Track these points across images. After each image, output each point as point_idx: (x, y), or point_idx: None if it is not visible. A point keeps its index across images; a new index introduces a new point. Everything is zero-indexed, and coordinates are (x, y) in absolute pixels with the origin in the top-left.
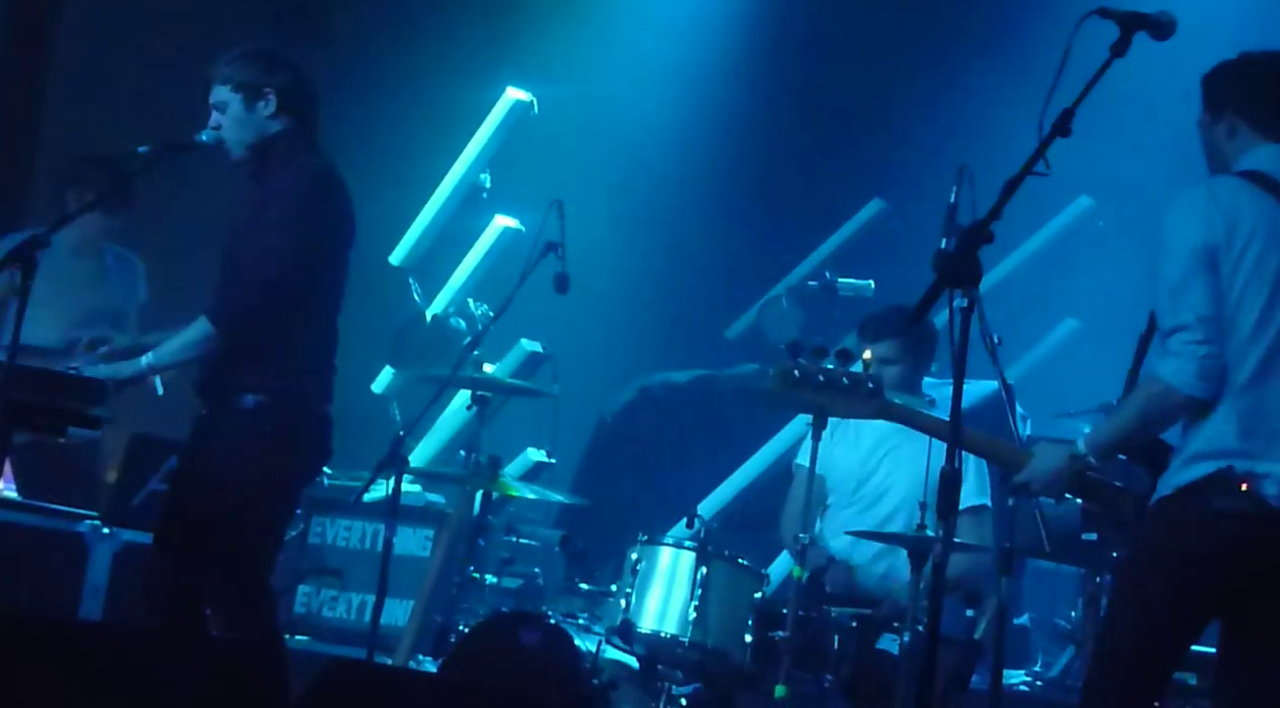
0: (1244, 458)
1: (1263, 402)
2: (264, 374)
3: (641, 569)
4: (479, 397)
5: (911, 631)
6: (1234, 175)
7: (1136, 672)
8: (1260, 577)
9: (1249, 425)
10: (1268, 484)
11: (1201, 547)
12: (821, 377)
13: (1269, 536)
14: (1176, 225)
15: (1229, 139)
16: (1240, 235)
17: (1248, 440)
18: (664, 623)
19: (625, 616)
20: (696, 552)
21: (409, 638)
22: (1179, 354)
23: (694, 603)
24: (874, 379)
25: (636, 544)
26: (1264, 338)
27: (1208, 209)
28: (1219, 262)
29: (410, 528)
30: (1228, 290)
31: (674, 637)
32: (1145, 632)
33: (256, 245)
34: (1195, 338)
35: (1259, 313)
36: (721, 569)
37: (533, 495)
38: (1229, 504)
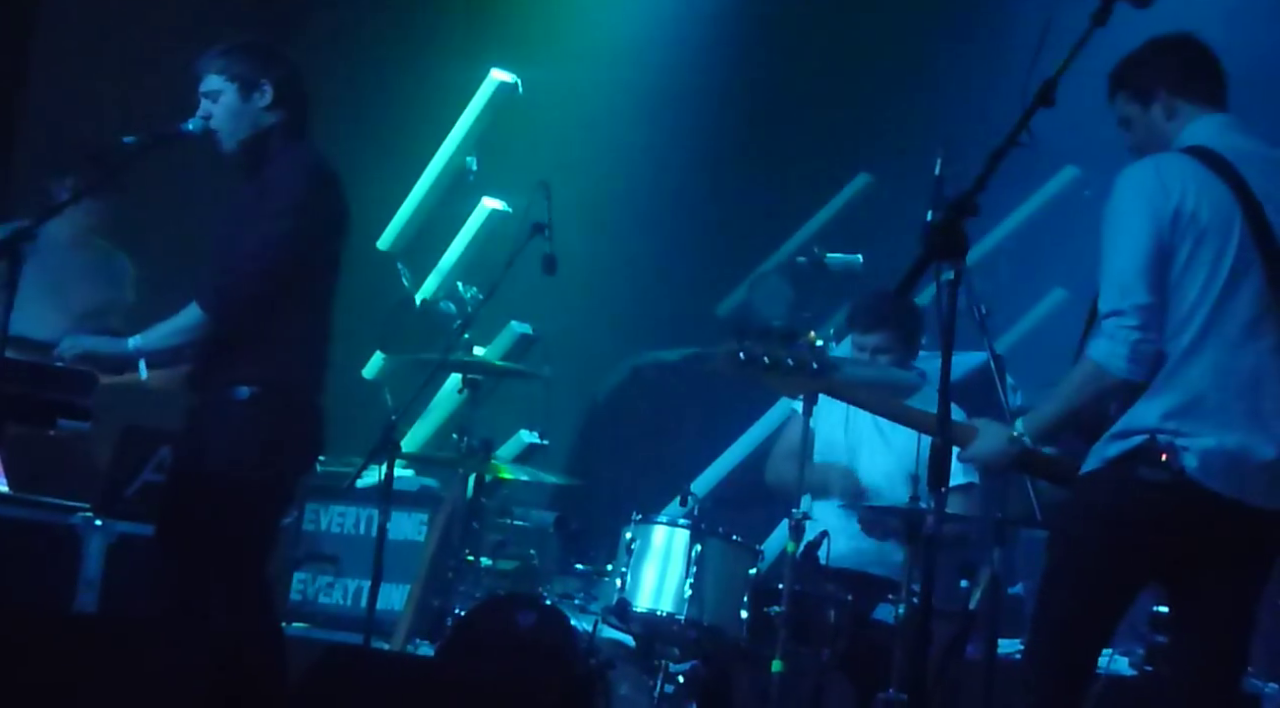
0: (1167, 434)
1: (1192, 382)
2: (258, 365)
3: (636, 548)
4: (470, 380)
5: (906, 603)
6: (1180, 152)
7: (1074, 632)
8: (1189, 548)
9: (1176, 404)
10: (1187, 457)
11: (1132, 511)
12: (766, 358)
13: (1192, 507)
14: (1121, 204)
15: (1169, 119)
16: (1184, 216)
17: (1174, 419)
18: (660, 601)
19: (621, 595)
20: (691, 530)
21: (405, 623)
22: (1112, 337)
23: (689, 581)
24: (820, 359)
25: (631, 524)
26: (1197, 319)
27: (1153, 188)
28: (1162, 242)
29: (404, 513)
30: (1167, 271)
31: (670, 615)
32: (1082, 588)
33: (253, 235)
34: (1130, 323)
35: (1196, 294)
36: (716, 546)
37: (526, 477)
38: (1152, 473)
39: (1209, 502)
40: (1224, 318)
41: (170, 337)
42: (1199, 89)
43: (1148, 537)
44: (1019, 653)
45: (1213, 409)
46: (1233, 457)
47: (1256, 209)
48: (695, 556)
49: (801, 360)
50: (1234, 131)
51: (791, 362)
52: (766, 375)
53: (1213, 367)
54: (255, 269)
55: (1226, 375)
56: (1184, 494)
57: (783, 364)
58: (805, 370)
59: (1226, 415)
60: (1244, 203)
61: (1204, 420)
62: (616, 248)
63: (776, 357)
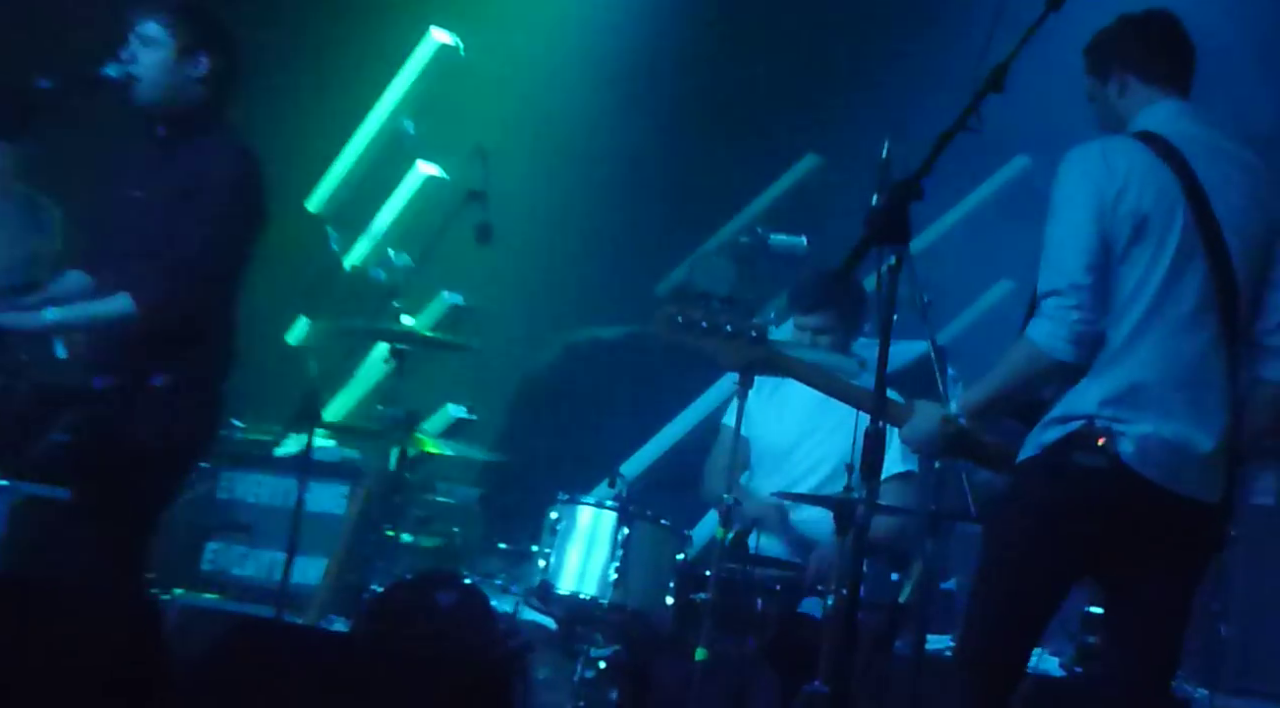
0: (1105, 419)
1: (1132, 369)
2: (176, 357)
3: (561, 529)
4: (397, 350)
5: (835, 594)
6: (1130, 136)
7: (1007, 626)
8: (1125, 537)
9: (1115, 390)
10: (1124, 442)
11: (1068, 499)
12: (704, 323)
13: (1128, 494)
14: (1065, 185)
15: (1120, 96)
16: (1128, 200)
17: (1112, 405)
18: (583, 584)
19: (544, 577)
20: (618, 512)
21: (321, 597)
22: (1051, 318)
23: (614, 564)
24: (758, 327)
25: (557, 503)
26: (1139, 305)
27: (1098, 171)
28: (1104, 225)
29: (324, 484)
30: (1109, 255)
31: (593, 599)
32: (1015, 580)
33: (193, 234)
34: (1069, 303)
35: (1136, 280)
36: (643, 530)
37: (452, 452)
38: (1088, 459)
39: (1143, 490)
40: (1166, 306)
41: (93, 321)
42: (1156, 69)
43: (1082, 526)
44: (949, 650)
45: (1153, 397)
46: (1170, 446)
47: (1201, 199)
48: (622, 539)
49: (740, 327)
50: (1187, 118)
51: (730, 328)
52: (703, 340)
53: (1154, 354)
54: (198, 274)
55: (1168, 363)
56: (1119, 482)
57: (720, 329)
58: (743, 337)
59: (1166, 404)
60: (1189, 192)
61: (1143, 408)
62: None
63: (715, 321)
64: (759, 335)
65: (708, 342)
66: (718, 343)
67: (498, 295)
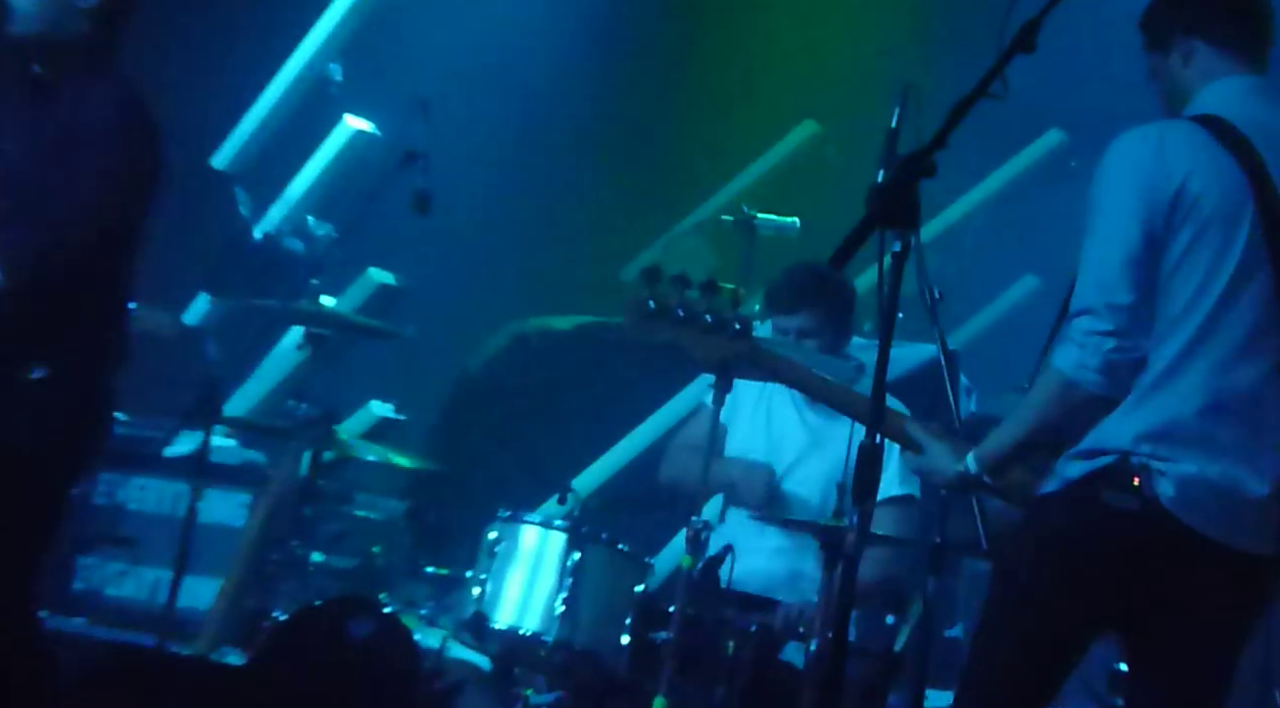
0: (1141, 456)
1: (1176, 399)
2: (57, 344)
3: (500, 552)
4: (315, 335)
5: (820, 638)
6: (1191, 119)
7: (1015, 685)
8: (1158, 589)
9: (1155, 424)
10: (1162, 483)
11: (1092, 543)
12: (681, 310)
13: (1162, 540)
14: (1110, 179)
15: (1185, 65)
16: (1185, 201)
17: (1150, 441)
18: (524, 618)
19: (478, 607)
20: (568, 533)
21: (213, 624)
22: (1082, 344)
23: (562, 595)
24: (742, 319)
25: (496, 521)
26: (1189, 326)
27: (1150, 163)
28: (1154, 230)
29: (222, 491)
30: (1157, 266)
31: (535, 635)
32: (1027, 632)
33: (72, 190)
34: (1103, 326)
35: (1189, 296)
36: (597, 556)
37: (375, 458)
38: (1119, 500)
39: (1182, 538)
40: (1221, 327)
41: None
42: (1226, 34)
43: (1109, 573)
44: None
45: (1197, 433)
46: (1216, 489)
47: (1273, 199)
48: (571, 565)
49: (721, 317)
50: (1258, 99)
51: (710, 317)
52: (678, 331)
53: (1202, 384)
54: (80, 242)
55: (1219, 394)
56: (1154, 527)
57: (699, 319)
58: (725, 330)
59: (1215, 441)
60: (1259, 191)
61: (1186, 445)
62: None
63: (692, 309)
64: (743, 329)
65: (683, 333)
66: (694, 335)
67: (435, 276)
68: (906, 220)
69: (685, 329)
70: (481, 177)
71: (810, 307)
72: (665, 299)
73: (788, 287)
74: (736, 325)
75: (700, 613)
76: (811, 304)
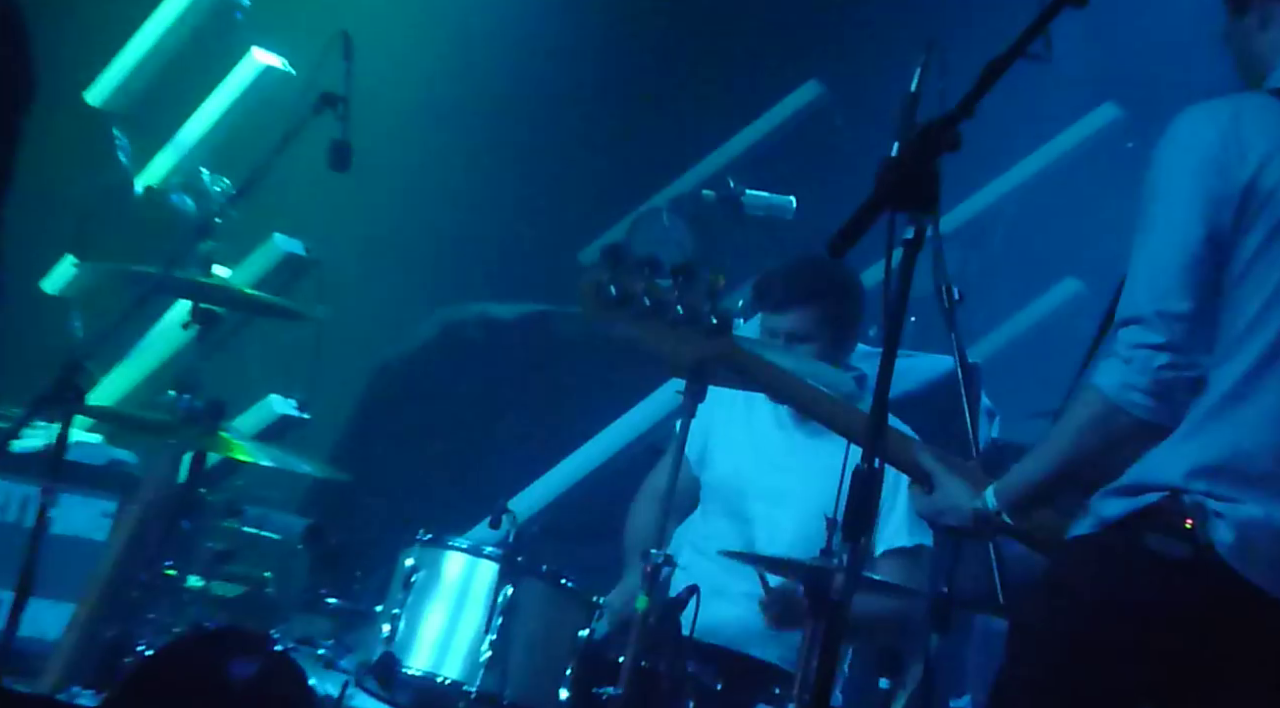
0: (1195, 495)
1: (1240, 429)
2: None
3: (418, 582)
4: (204, 312)
5: (799, 701)
6: (1271, 93)
7: None
8: (1210, 658)
9: (1214, 457)
10: (1220, 528)
11: (1131, 597)
12: (647, 299)
13: (1221, 599)
14: (1170, 162)
15: (1262, 29)
16: (1260, 192)
17: (1206, 477)
18: (443, 663)
19: (388, 648)
20: (501, 563)
21: (62, 658)
22: (1128, 360)
23: (490, 637)
24: (721, 314)
25: (414, 545)
26: (1259, 340)
27: (1223, 146)
28: (1220, 226)
29: (80, 496)
30: (1223, 269)
31: (455, 684)
32: (1051, 702)
33: None
34: (1155, 339)
35: (1259, 308)
36: (534, 591)
37: (271, 463)
38: (1166, 546)
39: (1242, 595)
40: None
41: None
42: None
43: (1149, 637)
44: None
45: (1265, 470)
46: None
47: None
48: (503, 602)
49: (695, 310)
50: None
51: (682, 310)
52: (642, 325)
53: (1272, 412)
54: None
55: None
56: (1207, 580)
57: (668, 311)
58: (700, 326)
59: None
60: None
61: (1250, 484)
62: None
63: (661, 299)
64: (721, 325)
65: (649, 327)
66: (662, 330)
67: (355, 247)
68: (923, 203)
69: (651, 323)
70: (413, 130)
71: (805, 305)
72: (629, 285)
73: (781, 279)
74: (714, 320)
75: (656, 666)
76: (807, 302)
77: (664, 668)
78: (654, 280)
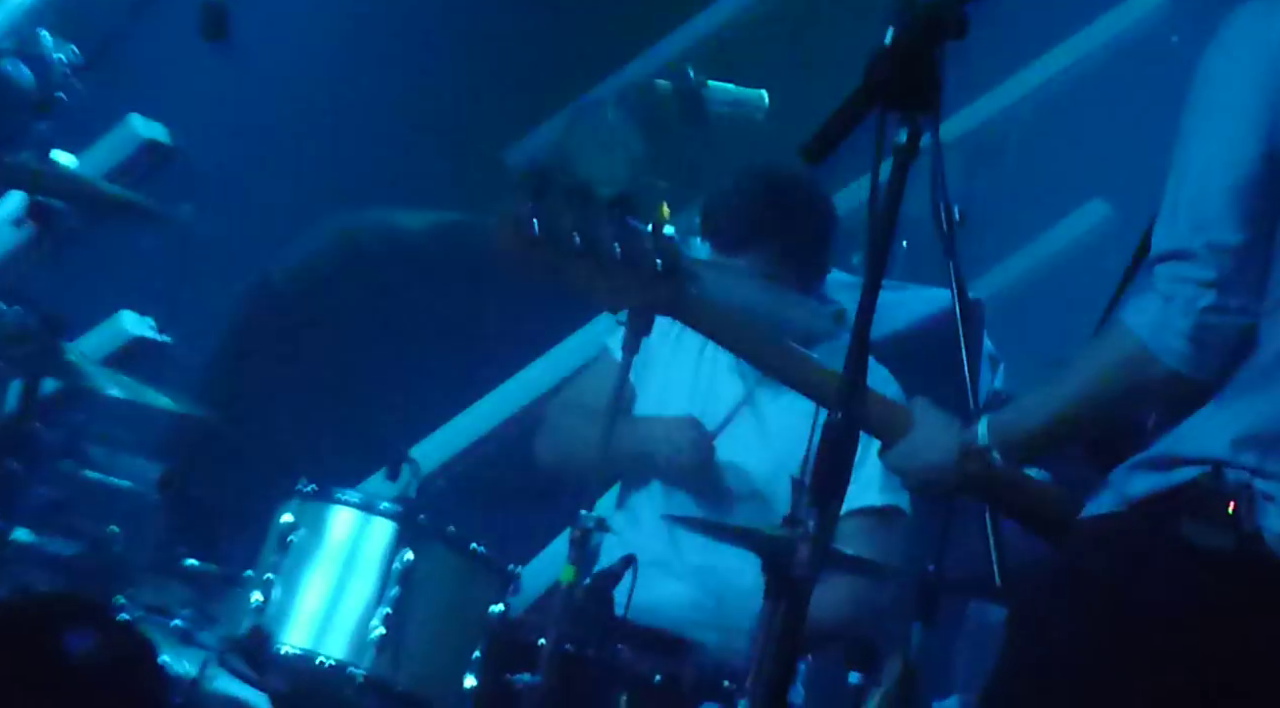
0: (1239, 469)
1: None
2: None
3: (297, 543)
4: (41, 207)
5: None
6: None
7: None
8: (1244, 662)
9: (1265, 426)
10: (1270, 513)
11: (1155, 595)
12: (578, 236)
13: (1262, 596)
14: (1228, 67)
15: None
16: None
17: (1258, 449)
18: (325, 641)
19: (258, 621)
20: (398, 522)
21: None
22: (1169, 297)
23: (383, 610)
24: (668, 253)
25: (294, 498)
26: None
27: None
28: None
29: None
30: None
31: (339, 666)
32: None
33: None
34: (1200, 274)
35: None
36: (438, 558)
37: (121, 394)
38: (1203, 534)
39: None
40: None
41: None
42: None
43: (1177, 641)
44: None
45: None
46: None
47: None
48: (400, 569)
49: (637, 249)
50: None
51: (620, 249)
52: (573, 268)
53: None
54: None
55: None
56: (1252, 576)
57: (604, 251)
58: (642, 269)
59: None
60: None
61: None
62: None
63: (595, 237)
64: (667, 267)
65: (580, 270)
66: (597, 273)
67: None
68: (921, 101)
69: (583, 265)
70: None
71: (761, 242)
72: (556, 219)
73: (729, 213)
74: (659, 263)
75: (583, 650)
76: (763, 239)
77: (592, 654)
78: (586, 214)
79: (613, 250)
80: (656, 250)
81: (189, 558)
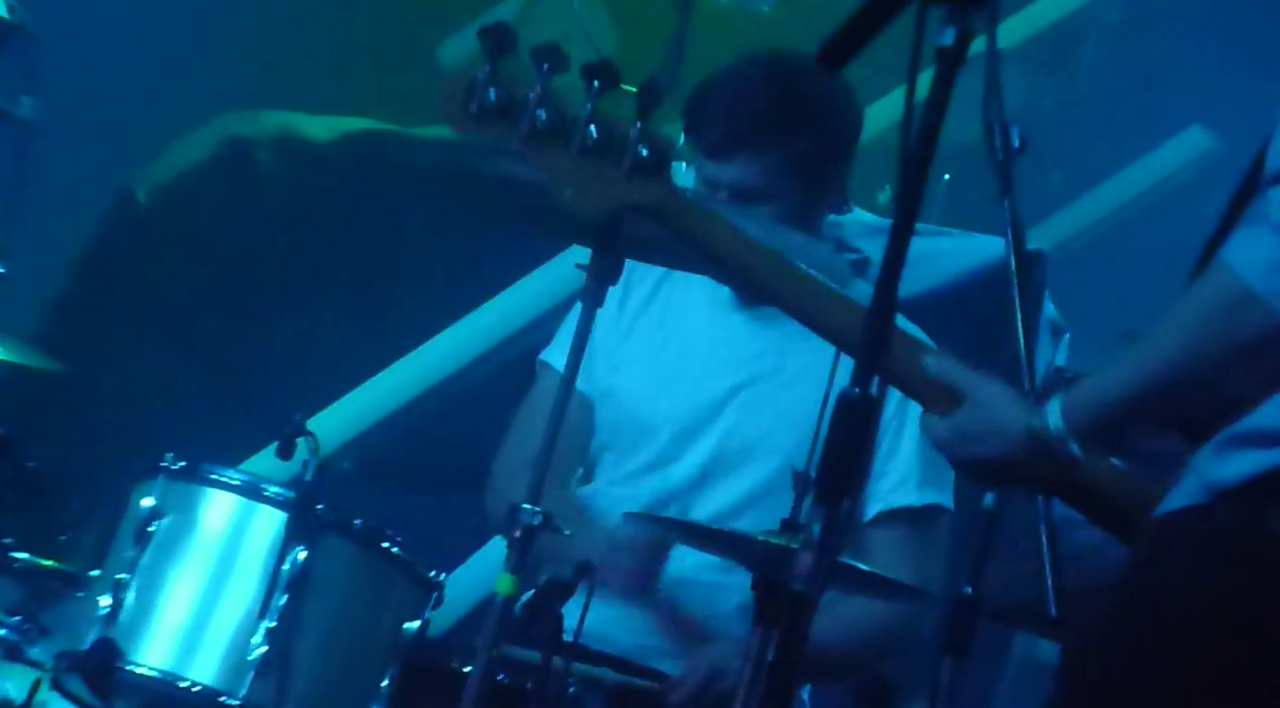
0: None
1: None
2: None
3: (161, 534)
4: None
5: None
6: None
7: None
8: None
9: None
10: None
11: (1251, 603)
12: (543, 111)
13: None
14: None
15: None
16: None
17: None
18: (191, 661)
19: (107, 633)
20: (291, 511)
21: None
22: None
23: (267, 624)
24: (655, 143)
25: (158, 476)
26: None
27: None
28: None
29: None
30: None
31: (208, 692)
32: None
33: None
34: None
35: None
36: (341, 557)
37: None
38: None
39: None
40: None
41: None
42: None
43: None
44: None
45: None
46: None
47: None
48: (291, 570)
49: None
50: None
51: (595, 130)
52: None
53: None
54: None
55: None
56: None
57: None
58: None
59: None
60: None
61: None
62: None
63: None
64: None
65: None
66: (563, 160)
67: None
68: None
69: (547, 148)
70: None
71: (761, 148)
72: (515, 88)
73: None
74: (643, 152)
75: (520, 682)
76: (764, 144)
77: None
78: (552, 83)
79: (587, 131)
80: (641, 136)
81: (19, 550)
